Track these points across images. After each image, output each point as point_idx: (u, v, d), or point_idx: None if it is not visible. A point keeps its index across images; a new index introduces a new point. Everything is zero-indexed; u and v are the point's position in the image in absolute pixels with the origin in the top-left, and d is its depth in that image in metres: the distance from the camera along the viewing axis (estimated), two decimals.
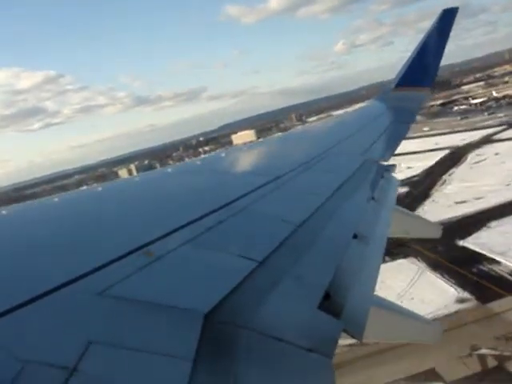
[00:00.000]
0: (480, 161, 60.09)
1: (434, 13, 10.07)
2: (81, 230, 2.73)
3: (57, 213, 3.20)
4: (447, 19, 9.85)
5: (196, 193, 3.72)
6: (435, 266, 31.89)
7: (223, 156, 6.05)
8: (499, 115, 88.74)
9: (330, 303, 2.25)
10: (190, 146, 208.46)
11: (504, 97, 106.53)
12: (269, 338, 1.85)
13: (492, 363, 21.62)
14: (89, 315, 1.81)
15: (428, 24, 10.06)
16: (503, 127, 75.97)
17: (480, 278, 28.94)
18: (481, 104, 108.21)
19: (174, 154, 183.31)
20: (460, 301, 27.06)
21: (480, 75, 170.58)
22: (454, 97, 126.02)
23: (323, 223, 3.25)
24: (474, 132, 78.06)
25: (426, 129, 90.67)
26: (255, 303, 2.09)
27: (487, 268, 30.18)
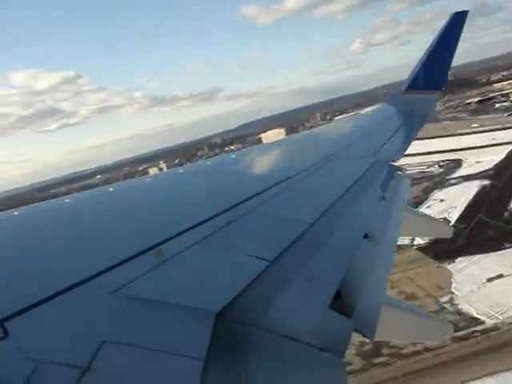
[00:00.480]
0: None
1: (451, 11, 9.99)
2: (93, 230, 2.77)
3: (70, 213, 3.24)
4: (457, 22, 9.83)
5: (207, 193, 3.75)
6: None
7: (234, 157, 6.12)
8: None
9: (342, 302, 2.28)
10: (215, 145, 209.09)
11: None
12: (280, 337, 1.87)
13: None
14: (102, 315, 1.84)
15: (444, 23, 9.98)
16: None
17: None
18: None
19: (199, 153, 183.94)
20: None
21: (506, 73, 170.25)
22: (491, 94, 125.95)
23: (334, 223, 3.28)
24: None
25: (475, 125, 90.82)
26: (266, 302, 2.11)
27: None
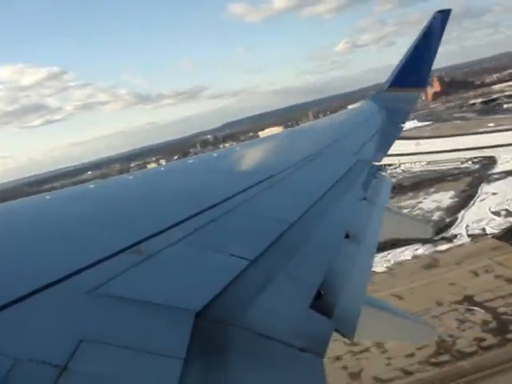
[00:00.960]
0: None
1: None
2: (72, 228, 2.70)
3: (48, 210, 3.15)
4: (440, 21, 9.84)
5: (189, 192, 3.70)
6: None
7: (216, 155, 6.07)
8: None
9: (322, 302, 2.26)
10: (208, 143, 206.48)
11: None
12: (260, 337, 1.85)
13: None
14: (80, 313, 1.79)
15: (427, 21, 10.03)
16: None
17: None
18: None
19: (192, 150, 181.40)
20: None
21: (499, 75, 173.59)
22: (493, 96, 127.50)
23: (315, 223, 3.26)
24: None
25: (492, 124, 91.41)
26: (247, 302, 2.08)
27: None
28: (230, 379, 1.62)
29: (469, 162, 66.69)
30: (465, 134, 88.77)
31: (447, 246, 36.66)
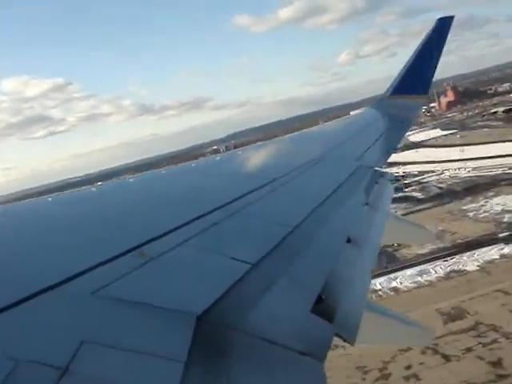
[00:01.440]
0: None
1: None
2: (75, 230, 2.69)
3: (51, 213, 3.13)
4: (443, 28, 9.76)
5: (191, 195, 3.70)
6: None
7: (219, 159, 6.09)
8: None
9: (323, 307, 2.25)
10: (218, 153, 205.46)
11: None
12: (261, 341, 1.85)
13: None
14: (82, 315, 1.80)
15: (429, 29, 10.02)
16: None
17: None
18: None
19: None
20: None
21: (511, 84, 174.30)
22: None
23: (317, 227, 3.27)
24: None
25: None
26: (248, 306, 2.08)
27: None
28: (231, 383, 1.62)
29: None
30: (498, 142, 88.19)
31: None
